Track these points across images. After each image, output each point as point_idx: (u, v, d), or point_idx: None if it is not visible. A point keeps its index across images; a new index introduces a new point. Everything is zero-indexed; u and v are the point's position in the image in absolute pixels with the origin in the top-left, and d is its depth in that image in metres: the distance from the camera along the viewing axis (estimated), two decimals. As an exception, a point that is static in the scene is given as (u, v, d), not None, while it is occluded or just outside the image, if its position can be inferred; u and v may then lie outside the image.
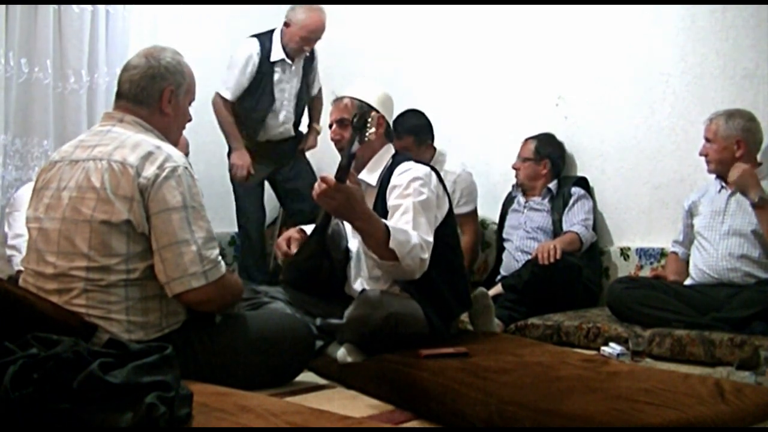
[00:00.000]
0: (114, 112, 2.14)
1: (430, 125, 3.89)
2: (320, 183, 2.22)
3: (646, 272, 3.48)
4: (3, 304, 1.76)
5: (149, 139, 2.05)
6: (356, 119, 2.26)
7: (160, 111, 2.14)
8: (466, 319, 2.85)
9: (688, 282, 3.09)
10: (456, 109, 4.29)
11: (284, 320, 2.32)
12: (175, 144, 2.17)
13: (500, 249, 3.81)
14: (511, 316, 3.15)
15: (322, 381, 2.39)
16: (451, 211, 2.66)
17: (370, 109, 2.64)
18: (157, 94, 2.13)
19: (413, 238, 2.35)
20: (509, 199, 3.88)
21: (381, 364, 2.27)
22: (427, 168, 2.60)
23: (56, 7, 3.93)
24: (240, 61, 4.00)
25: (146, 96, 2.12)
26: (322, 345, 2.46)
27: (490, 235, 4.06)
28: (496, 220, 3.95)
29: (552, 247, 3.23)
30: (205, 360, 2.05)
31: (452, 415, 1.92)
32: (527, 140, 3.76)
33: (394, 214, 2.47)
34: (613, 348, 2.65)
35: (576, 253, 3.43)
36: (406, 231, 2.36)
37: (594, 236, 3.57)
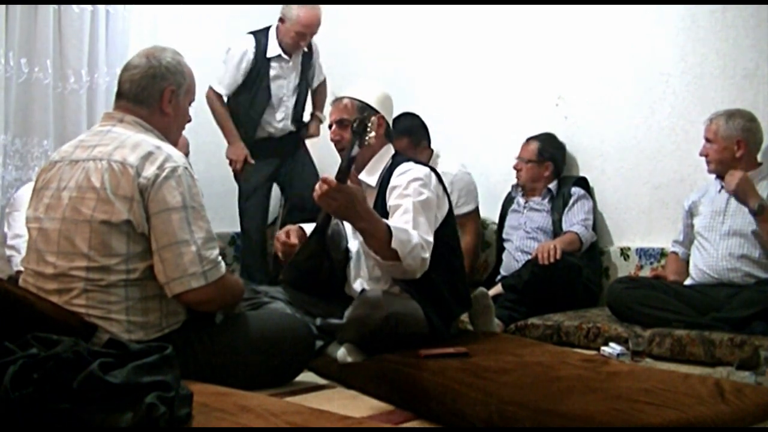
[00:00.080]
0: (114, 112, 2.14)
1: (425, 126, 3.89)
2: (321, 184, 2.22)
3: (646, 272, 3.48)
4: (3, 304, 1.76)
5: (149, 139, 2.05)
6: (356, 124, 2.26)
7: (160, 111, 2.14)
8: (466, 319, 2.85)
9: (688, 282, 3.09)
10: (456, 109, 4.29)
11: (284, 320, 2.32)
12: (174, 144, 2.17)
13: (500, 249, 3.81)
14: (511, 316, 3.15)
15: (322, 381, 2.39)
16: (451, 211, 2.65)
17: (370, 109, 2.64)
18: (157, 94, 2.13)
19: (414, 238, 2.34)
20: (509, 200, 3.88)
21: (381, 364, 2.27)
22: (427, 168, 2.60)
23: (56, 7, 3.92)
24: (235, 57, 4.01)
25: (147, 96, 2.12)
26: (322, 345, 2.46)
27: (490, 235, 4.06)
28: (496, 220, 3.94)
29: (552, 247, 3.23)
30: (205, 360, 2.05)
31: (452, 415, 1.92)
32: (529, 140, 3.75)
33: (394, 214, 2.47)
34: (613, 348, 2.65)
35: (576, 253, 3.43)
36: (407, 230, 2.36)
37: (594, 236, 3.57)
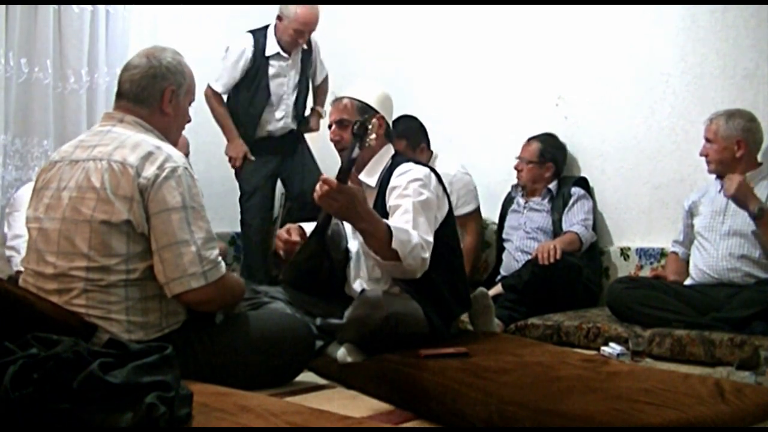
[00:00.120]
0: (114, 113, 2.14)
1: (424, 128, 3.89)
2: (322, 185, 2.22)
3: (646, 272, 3.48)
4: (3, 304, 1.76)
5: (149, 140, 2.05)
6: (357, 127, 2.26)
7: (160, 111, 2.14)
8: (466, 319, 2.85)
9: (688, 282, 3.09)
10: (456, 109, 4.29)
11: (284, 320, 2.32)
12: (174, 144, 2.17)
13: (500, 249, 3.81)
14: (511, 316, 3.15)
15: (322, 381, 2.39)
16: (451, 212, 2.65)
17: (370, 109, 2.64)
18: (158, 93, 2.13)
19: (414, 238, 2.34)
20: (509, 200, 3.88)
21: (381, 364, 2.27)
22: (427, 169, 2.60)
23: (56, 7, 3.93)
24: (233, 56, 4.02)
25: (147, 96, 2.12)
26: (322, 345, 2.46)
27: (490, 235, 4.06)
28: (496, 220, 3.94)
29: (552, 247, 3.23)
30: (205, 360, 2.04)
31: (452, 415, 1.91)
32: (530, 141, 3.74)
33: (394, 214, 2.46)
34: (613, 348, 2.65)
35: (576, 253, 3.43)
36: (408, 230, 2.36)
37: (594, 236, 3.57)
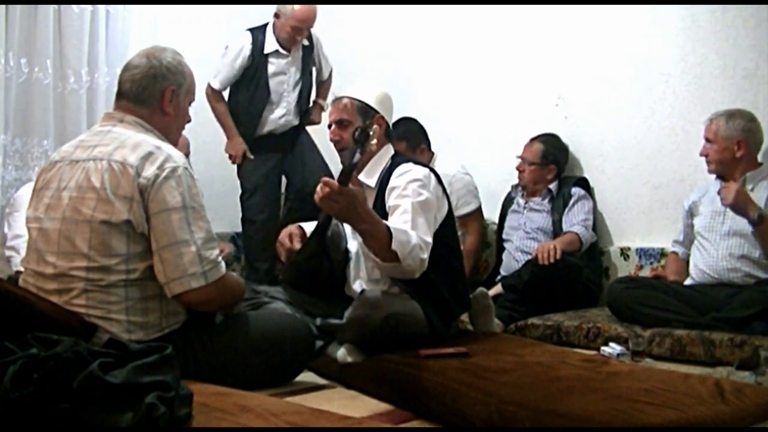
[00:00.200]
0: (114, 113, 2.14)
1: (423, 130, 3.89)
2: (323, 186, 2.21)
3: (646, 272, 3.48)
4: (3, 304, 1.76)
5: (149, 140, 2.05)
6: (358, 133, 2.26)
7: (161, 111, 2.14)
8: (466, 319, 2.85)
9: (688, 282, 3.09)
10: (456, 109, 4.29)
11: (284, 320, 2.32)
12: (175, 144, 2.17)
13: (500, 249, 3.81)
14: (511, 316, 3.15)
15: (322, 381, 2.39)
16: (450, 212, 2.65)
17: (370, 109, 2.64)
18: (158, 93, 2.13)
19: (413, 239, 2.34)
20: (508, 200, 3.87)
21: (381, 364, 2.27)
22: (426, 169, 2.60)
23: (56, 7, 3.93)
24: (231, 54, 4.03)
25: (147, 96, 2.12)
26: (322, 345, 2.46)
27: (490, 235, 4.06)
28: (496, 221, 3.94)
29: (552, 248, 3.23)
30: (205, 360, 2.04)
31: (452, 415, 1.92)
32: (532, 141, 3.73)
33: (393, 214, 2.47)
34: (613, 348, 2.65)
35: (576, 253, 3.43)
36: (407, 231, 2.35)
37: (594, 236, 3.57)
